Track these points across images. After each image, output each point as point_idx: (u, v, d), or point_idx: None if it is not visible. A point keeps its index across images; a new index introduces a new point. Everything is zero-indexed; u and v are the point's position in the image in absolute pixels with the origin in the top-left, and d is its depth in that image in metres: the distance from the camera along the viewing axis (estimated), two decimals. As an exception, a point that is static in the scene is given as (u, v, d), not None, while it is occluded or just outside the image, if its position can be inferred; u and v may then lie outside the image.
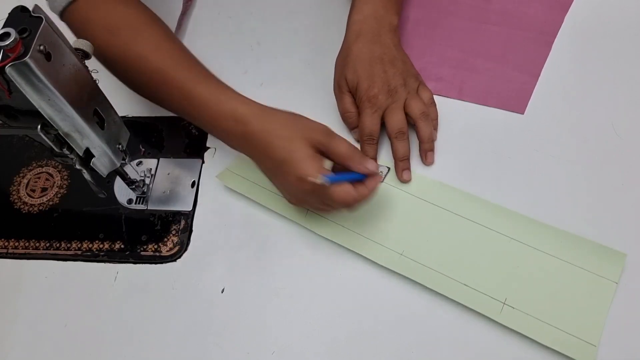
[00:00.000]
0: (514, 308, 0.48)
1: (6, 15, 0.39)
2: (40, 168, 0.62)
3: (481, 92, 0.61)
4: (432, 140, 0.57)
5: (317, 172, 0.47)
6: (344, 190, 0.48)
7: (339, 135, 0.50)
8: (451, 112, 0.60)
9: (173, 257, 0.55)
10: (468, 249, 0.51)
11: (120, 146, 0.51)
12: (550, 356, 0.47)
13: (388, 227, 0.53)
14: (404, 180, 0.56)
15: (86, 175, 0.49)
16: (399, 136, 0.56)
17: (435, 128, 0.58)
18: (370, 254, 0.52)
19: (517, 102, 0.60)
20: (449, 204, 0.54)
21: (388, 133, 0.57)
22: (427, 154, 0.57)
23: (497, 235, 0.52)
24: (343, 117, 0.60)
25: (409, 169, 0.56)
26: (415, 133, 0.57)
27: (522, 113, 0.59)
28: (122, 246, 0.56)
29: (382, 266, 0.51)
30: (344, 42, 0.59)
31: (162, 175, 0.60)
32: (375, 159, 0.57)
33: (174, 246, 0.56)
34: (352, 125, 0.59)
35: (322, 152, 0.49)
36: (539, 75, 0.61)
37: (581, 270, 0.49)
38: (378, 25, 0.58)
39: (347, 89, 0.58)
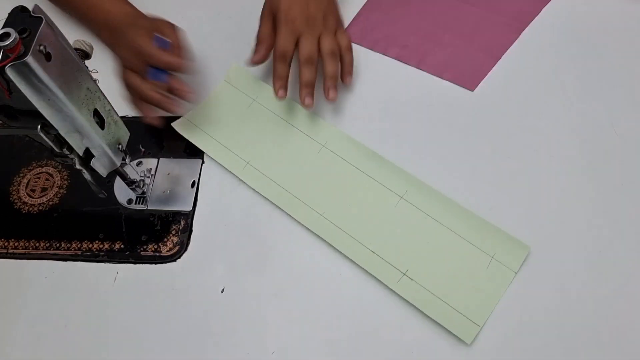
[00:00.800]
0: (412, 280, 0.50)
1: (6, 15, 0.39)
2: (40, 168, 0.62)
3: (439, 65, 0.64)
4: (336, 77, 0.59)
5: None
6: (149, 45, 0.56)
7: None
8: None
9: (173, 257, 0.55)
10: (384, 218, 0.53)
11: (120, 146, 0.51)
12: (438, 331, 0.49)
13: (315, 187, 0.56)
14: (306, 106, 0.58)
15: (86, 175, 0.49)
16: (308, 62, 0.57)
17: (350, 73, 0.61)
18: (294, 211, 0.55)
19: (470, 79, 0.62)
20: (375, 171, 0.56)
21: (299, 59, 0.58)
22: (329, 90, 0.58)
23: (415, 210, 0.53)
24: (256, 42, 0.61)
25: (311, 95, 0.58)
26: (322, 69, 0.59)
27: (472, 90, 0.62)
28: (122, 246, 0.56)
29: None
30: None
31: (162, 175, 0.60)
32: (286, 78, 0.58)
33: (174, 246, 0.56)
34: (257, 49, 0.60)
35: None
36: (499, 58, 0.63)
37: (485, 255, 0.51)
38: None
39: (270, 15, 0.60)
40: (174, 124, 0.61)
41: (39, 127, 0.43)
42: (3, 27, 0.37)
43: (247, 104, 0.62)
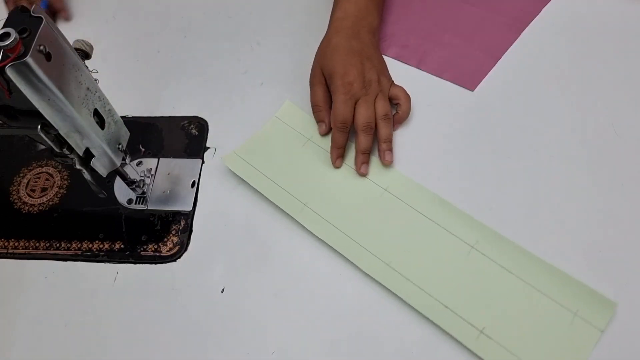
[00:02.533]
0: (490, 338, 0.47)
1: (6, 15, 0.40)
2: (40, 168, 0.62)
3: (439, 65, 0.64)
4: (390, 140, 0.58)
5: None
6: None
7: None
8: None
9: (173, 257, 0.55)
10: (456, 270, 0.50)
11: (120, 146, 0.51)
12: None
13: (380, 235, 0.53)
14: (361, 174, 0.57)
15: (86, 175, 0.49)
16: (366, 130, 0.57)
17: (401, 122, 0.60)
18: (358, 259, 0.52)
19: (470, 79, 0.62)
20: (441, 218, 0.53)
21: (355, 124, 0.57)
22: (385, 153, 0.57)
23: (489, 262, 0.50)
24: (313, 109, 0.61)
25: (367, 163, 0.57)
26: (376, 132, 0.58)
27: (472, 90, 0.61)
28: (122, 246, 0.56)
29: (382, 266, 0.52)
30: (324, 37, 0.61)
31: (162, 175, 0.60)
32: (343, 147, 0.58)
33: (174, 246, 0.56)
34: (319, 118, 0.60)
35: None
36: (499, 58, 0.63)
37: (568, 312, 0.47)
38: (358, 24, 0.60)
39: (322, 79, 0.60)
40: (224, 159, 0.59)
41: (39, 127, 0.43)
42: (3, 27, 0.37)
43: (302, 142, 0.59)
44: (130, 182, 0.57)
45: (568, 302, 0.47)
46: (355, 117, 0.57)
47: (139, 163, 0.61)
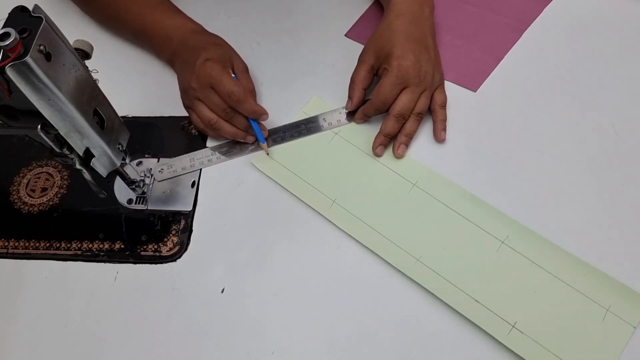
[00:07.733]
0: (522, 333, 0.47)
1: (6, 15, 0.39)
2: (40, 168, 0.62)
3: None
4: (412, 136, 0.58)
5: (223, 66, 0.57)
6: (237, 84, 0.56)
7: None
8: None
9: (173, 257, 0.55)
10: (486, 265, 0.50)
11: (120, 146, 0.51)
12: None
13: (409, 230, 0.53)
14: (376, 154, 0.57)
15: (86, 175, 0.49)
16: (399, 118, 0.56)
17: (444, 130, 0.59)
18: (388, 255, 0.52)
19: (472, 80, 0.62)
20: (471, 213, 0.53)
21: (392, 108, 0.57)
22: (401, 146, 0.57)
23: (519, 257, 0.50)
24: (350, 84, 0.60)
25: (385, 146, 0.57)
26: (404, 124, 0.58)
27: (475, 91, 0.61)
28: (122, 246, 0.56)
29: (383, 267, 0.51)
30: (382, 20, 0.60)
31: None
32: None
33: (174, 246, 0.56)
34: (350, 94, 0.60)
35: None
36: (501, 58, 0.63)
37: (600, 308, 0.47)
38: (419, 9, 0.59)
39: (370, 59, 0.58)
40: (253, 160, 0.59)
41: (39, 127, 0.43)
42: (3, 27, 0.37)
43: (329, 138, 0.59)
44: (130, 182, 0.57)
45: (600, 297, 0.48)
46: (395, 101, 0.57)
47: (139, 163, 0.61)
